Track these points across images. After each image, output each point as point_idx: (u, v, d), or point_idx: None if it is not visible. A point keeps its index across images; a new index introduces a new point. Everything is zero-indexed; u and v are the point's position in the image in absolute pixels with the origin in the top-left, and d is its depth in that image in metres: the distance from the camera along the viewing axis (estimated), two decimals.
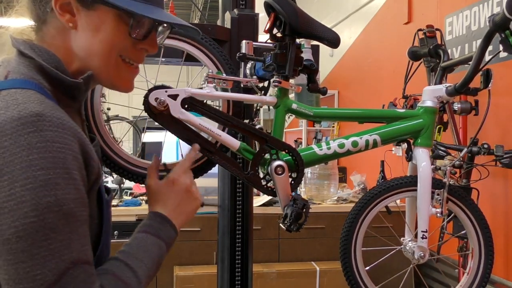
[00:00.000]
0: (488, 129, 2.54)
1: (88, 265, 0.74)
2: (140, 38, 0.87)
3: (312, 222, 3.08)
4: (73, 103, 0.87)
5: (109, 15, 0.83)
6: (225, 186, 1.56)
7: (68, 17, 0.83)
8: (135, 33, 0.86)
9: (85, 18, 0.83)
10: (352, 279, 1.29)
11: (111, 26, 0.84)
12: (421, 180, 1.27)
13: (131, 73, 0.92)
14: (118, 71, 0.88)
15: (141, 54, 0.91)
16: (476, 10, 2.73)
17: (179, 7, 9.17)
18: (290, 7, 1.13)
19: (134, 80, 0.94)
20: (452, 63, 1.46)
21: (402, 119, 1.30)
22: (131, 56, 0.89)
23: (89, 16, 0.83)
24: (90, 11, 0.83)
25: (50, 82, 0.81)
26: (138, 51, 0.90)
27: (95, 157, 0.81)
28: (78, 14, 0.83)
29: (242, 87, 1.26)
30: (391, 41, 3.83)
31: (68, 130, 0.74)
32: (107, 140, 1.16)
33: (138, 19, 0.85)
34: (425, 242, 1.28)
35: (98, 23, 0.83)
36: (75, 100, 0.87)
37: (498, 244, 1.86)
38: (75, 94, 0.85)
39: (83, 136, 0.78)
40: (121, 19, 0.84)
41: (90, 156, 0.79)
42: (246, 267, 1.57)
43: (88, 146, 0.79)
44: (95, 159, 0.80)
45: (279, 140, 1.19)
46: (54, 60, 0.82)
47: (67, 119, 0.76)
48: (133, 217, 2.93)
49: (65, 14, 0.82)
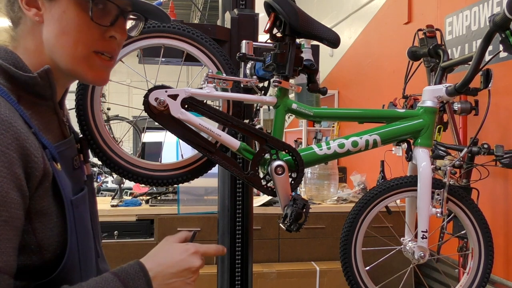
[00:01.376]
0: (488, 129, 2.54)
1: (1, 275, 0.68)
2: (107, 24, 0.85)
3: (312, 222, 3.09)
4: (41, 101, 0.85)
5: (70, 4, 0.82)
6: (225, 186, 1.56)
7: (34, 12, 0.83)
8: (98, 18, 0.84)
9: (49, 10, 0.83)
10: (352, 279, 1.29)
11: (72, 15, 0.82)
12: (421, 180, 1.27)
13: (104, 64, 0.89)
14: (88, 63, 0.86)
15: (112, 43, 0.88)
16: (476, 10, 2.73)
17: (179, 7, 9.17)
18: (290, 7, 1.13)
19: (108, 71, 0.91)
20: (452, 63, 1.46)
21: (402, 119, 1.30)
22: (101, 47, 0.86)
23: (52, 8, 0.83)
24: (52, 2, 0.82)
25: (9, 79, 0.80)
26: (107, 40, 0.87)
27: (39, 153, 0.77)
28: (43, 7, 0.83)
29: (242, 87, 1.26)
30: (391, 41, 3.83)
31: (1, 123, 0.72)
32: (107, 140, 1.16)
33: (97, 2, 0.83)
34: (425, 242, 1.28)
35: (60, 13, 0.82)
36: (42, 97, 0.84)
37: (498, 244, 1.86)
38: (36, 90, 0.83)
39: (22, 131, 0.75)
40: (82, 6, 0.83)
41: (30, 152, 0.75)
42: (246, 267, 1.57)
43: (28, 142, 0.75)
44: (37, 155, 0.76)
45: (279, 140, 1.19)
46: (12, 57, 0.82)
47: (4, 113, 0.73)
48: (133, 217, 2.93)
49: (31, 9, 0.83)
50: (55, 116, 0.89)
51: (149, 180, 1.20)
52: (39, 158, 0.77)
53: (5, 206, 0.70)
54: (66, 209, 0.82)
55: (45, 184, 0.79)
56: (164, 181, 1.21)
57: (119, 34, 0.88)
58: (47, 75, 0.83)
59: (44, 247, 0.79)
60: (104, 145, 1.15)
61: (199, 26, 1.31)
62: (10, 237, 0.71)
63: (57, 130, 0.89)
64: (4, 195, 0.70)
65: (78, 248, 0.85)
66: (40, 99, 0.84)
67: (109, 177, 5.35)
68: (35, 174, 0.76)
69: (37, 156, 0.77)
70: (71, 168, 0.90)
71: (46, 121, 0.86)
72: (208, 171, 1.26)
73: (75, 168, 0.92)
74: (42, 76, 0.83)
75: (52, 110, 0.87)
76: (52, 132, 0.87)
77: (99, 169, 5.25)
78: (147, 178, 1.20)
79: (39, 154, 0.77)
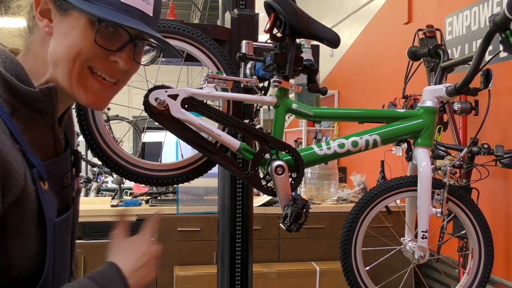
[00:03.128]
0: (488, 129, 2.54)
1: None
2: (113, 49, 0.81)
3: (312, 222, 3.09)
4: (39, 117, 0.82)
5: (81, 20, 0.79)
6: (225, 186, 1.56)
7: (45, 23, 0.81)
8: (104, 41, 0.80)
9: (59, 23, 0.80)
10: (352, 279, 1.29)
11: (79, 32, 0.79)
12: (421, 180, 1.27)
13: (101, 87, 0.84)
14: (82, 81, 0.82)
15: (113, 67, 0.83)
16: (476, 10, 2.73)
17: (179, 7, 9.17)
18: (290, 7, 1.13)
19: (105, 95, 0.86)
20: (452, 63, 1.46)
21: (402, 119, 1.30)
22: (101, 67, 0.82)
23: (62, 22, 0.80)
24: (63, 16, 0.80)
25: (8, 90, 0.78)
26: (109, 63, 0.83)
27: (21, 171, 0.75)
28: (55, 19, 0.80)
29: (242, 87, 1.26)
30: (391, 41, 3.83)
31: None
32: (107, 140, 1.16)
33: (106, 25, 0.79)
34: (425, 242, 1.28)
35: (68, 29, 0.80)
36: (42, 113, 0.82)
37: (498, 244, 1.86)
38: (35, 105, 0.80)
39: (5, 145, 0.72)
40: (92, 25, 0.79)
41: (12, 167, 0.73)
42: (246, 267, 1.57)
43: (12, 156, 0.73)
44: (19, 172, 0.74)
45: (279, 140, 1.19)
46: (16, 69, 0.79)
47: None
48: (133, 217, 2.93)
49: (43, 20, 0.81)
50: (52, 133, 0.86)
51: (149, 180, 1.20)
52: (20, 175, 0.75)
53: None
54: (48, 232, 0.80)
55: (24, 204, 0.76)
56: (164, 181, 1.21)
57: (123, 62, 0.83)
58: (50, 93, 0.81)
59: (13, 266, 0.77)
60: (104, 145, 1.15)
61: (199, 26, 1.31)
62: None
63: (50, 147, 0.86)
64: None
65: (54, 271, 0.83)
66: (38, 115, 0.82)
67: (109, 177, 5.35)
68: (13, 191, 0.74)
69: (19, 173, 0.74)
70: (59, 186, 0.87)
71: (39, 137, 0.83)
72: (208, 171, 1.26)
73: (64, 186, 0.90)
74: (44, 93, 0.80)
75: (49, 127, 0.85)
76: (44, 149, 0.85)
77: (99, 169, 5.25)
78: (147, 178, 1.20)
79: (21, 172, 0.75)
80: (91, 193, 5.10)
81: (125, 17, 0.80)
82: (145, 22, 0.83)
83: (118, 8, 0.79)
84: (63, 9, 0.79)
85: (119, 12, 0.79)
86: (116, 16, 0.78)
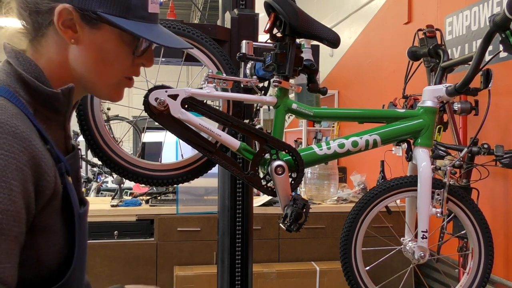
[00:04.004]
0: (488, 129, 2.54)
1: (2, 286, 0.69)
2: (140, 55, 0.89)
3: (312, 222, 3.09)
4: (55, 116, 0.85)
5: (113, 34, 0.84)
6: (225, 186, 1.56)
7: (70, 34, 0.82)
8: (137, 52, 0.88)
9: (88, 35, 0.83)
10: (352, 279, 1.29)
11: (115, 46, 0.85)
12: (421, 180, 1.27)
13: (128, 86, 0.93)
14: (117, 87, 0.91)
15: (139, 68, 0.93)
16: (476, 10, 2.73)
17: (179, 7, 9.17)
18: (290, 7, 1.13)
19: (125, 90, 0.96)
20: (452, 63, 1.46)
21: (402, 119, 1.30)
22: (132, 73, 0.91)
23: (93, 34, 0.83)
24: (94, 29, 0.83)
25: (28, 91, 0.80)
26: (136, 66, 0.91)
27: (52, 172, 0.78)
28: (81, 31, 0.82)
29: (242, 87, 1.26)
30: (391, 41, 3.83)
31: (20, 140, 0.72)
32: (107, 140, 1.16)
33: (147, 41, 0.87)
34: (425, 242, 1.28)
35: (101, 42, 0.84)
36: (57, 112, 0.85)
37: (498, 244, 1.86)
38: (55, 105, 0.83)
39: (39, 149, 0.75)
40: (123, 38, 0.85)
41: (44, 171, 0.76)
42: (246, 267, 1.57)
43: (44, 161, 0.76)
44: (50, 175, 0.77)
45: (279, 140, 1.19)
46: (35, 71, 0.81)
47: (25, 130, 0.73)
48: (133, 217, 2.93)
49: (67, 31, 0.82)
50: (63, 131, 0.90)
51: (149, 180, 1.20)
52: (51, 177, 0.77)
53: (18, 222, 0.71)
54: (76, 223, 0.84)
55: (53, 202, 0.79)
56: (164, 181, 1.21)
57: (149, 62, 0.92)
58: (70, 93, 0.85)
59: (42, 263, 0.79)
60: (104, 145, 1.15)
61: (199, 26, 1.31)
62: (16, 252, 0.72)
63: (62, 144, 0.90)
64: (19, 211, 0.71)
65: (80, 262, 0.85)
66: (54, 114, 0.85)
67: (109, 177, 5.36)
68: (45, 193, 0.77)
69: (50, 175, 0.77)
70: (75, 181, 0.91)
71: (55, 135, 0.86)
72: (208, 171, 1.26)
73: (79, 180, 0.94)
74: (65, 94, 0.84)
75: (61, 125, 0.89)
76: (59, 147, 0.87)
77: (99, 169, 5.26)
78: (147, 178, 1.20)
79: (52, 173, 0.78)
80: (91, 193, 5.10)
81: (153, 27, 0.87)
82: (157, 22, 0.91)
83: (148, 20, 0.86)
84: (93, 23, 0.82)
85: (148, 23, 0.86)
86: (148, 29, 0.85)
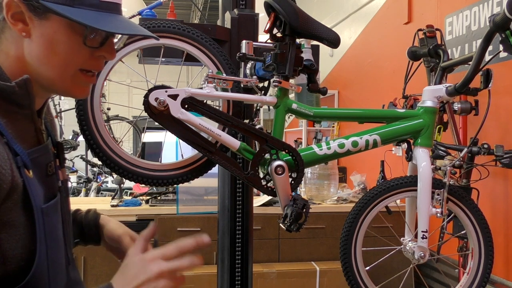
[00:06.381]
0: (488, 129, 2.54)
1: None
2: (97, 46, 0.86)
3: (312, 222, 3.09)
4: (18, 109, 0.84)
5: (61, 25, 0.82)
6: (225, 186, 1.56)
7: (20, 26, 0.82)
8: (90, 42, 0.85)
9: (38, 27, 0.82)
10: (352, 279, 1.29)
11: (65, 37, 0.83)
12: (421, 180, 1.27)
13: (88, 80, 0.90)
14: (74, 81, 0.88)
15: (100, 61, 0.90)
16: (476, 10, 2.73)
17: (179, 7, 9.17)
18: (290, 7, 1.13)
19: (90, 86, 0.94)
20: (452, 63, 1.46)
21: (402, 119, 1.30)
22: (90, 65, 0.88)
23: (42, 26, 0.82)
24: (42, 20, 0.82)
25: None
26: (96, 58, 0.88)
27: (7, 166, 0.77)
28: (31, 23, 0.82)
29: (242, 87, 1.26)
30: (391, 41, 3.83)
31: None
32: (107, 140, 1.16)
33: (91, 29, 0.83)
34: (425, 242, 1.28)
35: (51, 33, 0.83)
36: (19, 105, 0.84)
37: (498, 244, 1.86)
38: (13, 98, 0.82)
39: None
40: (74, 29, 0.83)
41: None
42: (246, 267, 1.57)
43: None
44: (5, 168, 0.76)
45: (279, 140, 1.19)
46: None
47: None
48: (133, 217, 2.93)
49: (18, 23, 0.82)
50: (32, 124, 0.88)
51: (149, 180, 1.20)
52: (7, 170, 0.77)
53: None
54: (36, 218, 0.82)
55: (13, 196, 0.78)
56: (164, 181, 1.21)
57: (109, 54, 0.89)
58: (26, 85, 0.83)
59: (8, 259, 0.79)
60: (104, 145, 1.15)
61: (199, 26, 1.31)
62: None
63: (32, 138, 0.88)
64: None
65: (47, 257, 0.84)
66: (16, 107, 0.84)
67: (109, 177, 5.36)
68: (3, 187, 0.76)
69: (5, 168, 0.76)
70: (44, 175, 0.89)
71: (21, 129, 0.85)
72: (208, 171, 1.26)
73: (49, 174, 0.91)
74: (20, 86, 0.83)
75: (29, 118, 0.87)
76: (27, 140, 0.86)
77: (99, 169, 5.26)
78: (147, 178, 1.20)
79: (7, 167, 0.77)
80: (91, 193, 5.10)
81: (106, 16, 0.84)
82: (119, 12, 0.88)
83: (99, 7, 0.83)
84: (40, 13, 0.81)
85: (100, 11, 0.83)
86: (100, 18, 0.82)
